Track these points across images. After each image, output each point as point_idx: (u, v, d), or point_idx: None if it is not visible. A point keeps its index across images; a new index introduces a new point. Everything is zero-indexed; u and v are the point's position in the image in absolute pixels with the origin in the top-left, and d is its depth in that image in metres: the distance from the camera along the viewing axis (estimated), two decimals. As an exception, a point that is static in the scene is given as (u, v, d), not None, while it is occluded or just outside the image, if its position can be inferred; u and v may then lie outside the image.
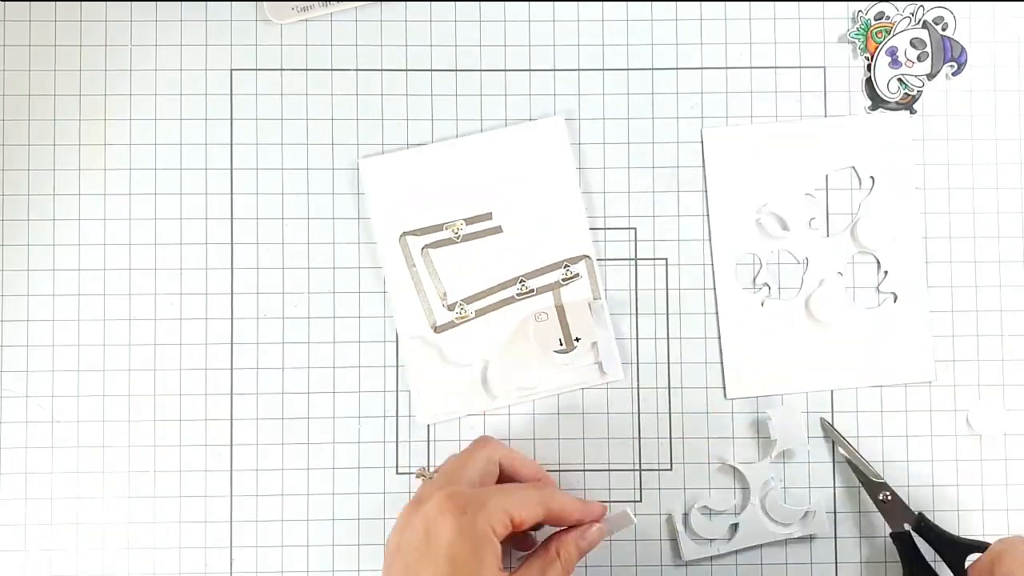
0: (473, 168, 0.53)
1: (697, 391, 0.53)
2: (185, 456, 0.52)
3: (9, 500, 0.52)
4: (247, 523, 0.52)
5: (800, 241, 0.53)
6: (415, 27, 0.54)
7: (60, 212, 0.53)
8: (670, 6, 0.54)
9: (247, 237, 0.53)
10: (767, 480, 0.52)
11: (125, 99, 0.53)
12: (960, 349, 0.53)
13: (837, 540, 0.53)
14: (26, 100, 0.53)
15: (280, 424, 0.52)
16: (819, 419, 0.53)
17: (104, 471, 0.52)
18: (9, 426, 0.52)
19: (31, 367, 0.52)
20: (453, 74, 0.54)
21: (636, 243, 0.53)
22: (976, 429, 0.53)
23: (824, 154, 0.54)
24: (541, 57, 0.54)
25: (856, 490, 0.53)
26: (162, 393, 0.52)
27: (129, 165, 0.53)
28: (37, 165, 0.53)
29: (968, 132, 0.54)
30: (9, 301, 0.53)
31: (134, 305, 0.53)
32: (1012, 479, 0.53)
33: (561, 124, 0.53)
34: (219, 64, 0.53)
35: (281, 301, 0.53)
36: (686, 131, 0.54)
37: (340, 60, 0.53)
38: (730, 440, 0.53)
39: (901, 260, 0.53)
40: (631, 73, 0.54)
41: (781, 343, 0.53)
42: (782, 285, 0.53)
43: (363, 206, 0.53)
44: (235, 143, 0.53)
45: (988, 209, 0.54)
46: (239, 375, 0.53)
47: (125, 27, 0.53)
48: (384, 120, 0.53)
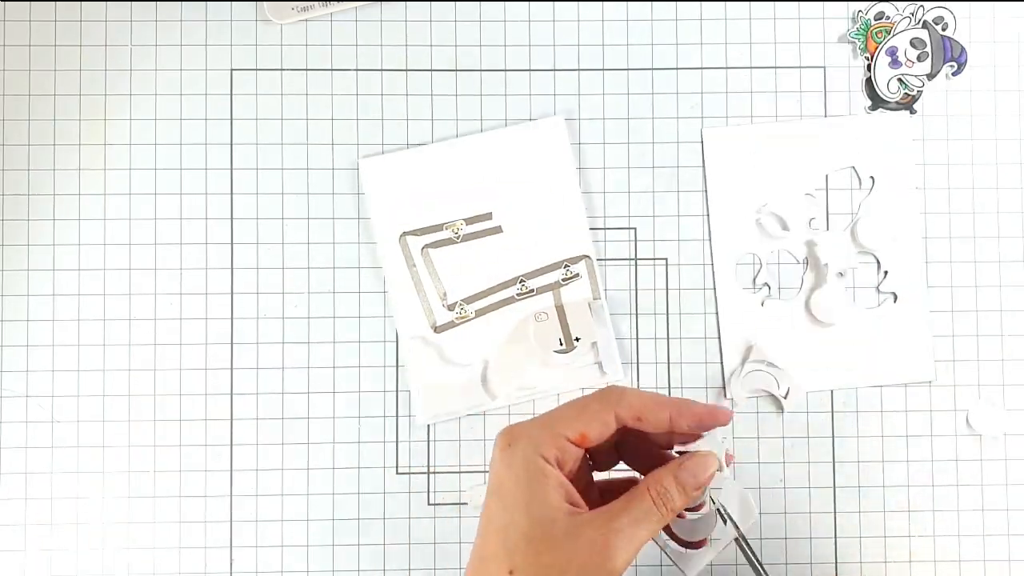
0: (473, 168, 0.53)
1: (697, 391, 0.53)
2: (185, 456, 0.52)
3: (9, 500, 0.52)
4: (247, 523, 0.52)
5: (800, 241, 0.53)
6: (415, 27, 0.54)
7: (60, 212, 0.53)
8: (670, 6, 0.54)
9: (247, 237, 0.53)
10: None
11: (125, 99, 0.53)
12: (960, 349, 0.53)
13: (837, 540, 0.53)
14: (26, 100, 0.53)
15: (280, 424, 0.52)
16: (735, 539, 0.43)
17: (104, 471, 0.52)
18: (9, 426, 0.52)
19: (31, 367, 0.52)
20: (453, 74, 0.54)
21: (636, 243, 0.53)
22: (976, 429, 0.53)
23: (824, 154, 0.54)
24: (541, 57, 0.54)
25: (856, 490, 0.53)
26: (162, 393, 0.52)
27: (129, 165, 0.53)
28: (37, 165, 0.53)
29: (968, 132, 0.54)
30: (9, 301, 0.53)
31: (134, 305, 0.53)
32: (1012, 479, 0.53)
33: (561, 124, 0.53)
34: (219, 64, 0.53)
35: (281, 301, 0.53)
36: (686, 131, 0.54)
37: (340, 60, 0.53)
38: (729, 440, 0.53)
39: (901, 260, 0.53)
40: (631, 73, 0.54)
41: (781, 343, 0.53)
42: (782, 285, 0.53)
43: (363, 206, 0.53)
44: (235, 143, 0.53)
45: (988, 209, 0.54)
46: (239, 375, 0.53)
47: (125, 27, 0.53)
48: (384, 120, 0.53)
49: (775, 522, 0.53)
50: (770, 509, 0.53)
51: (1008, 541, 0.53)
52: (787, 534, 0.53)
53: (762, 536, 0.52)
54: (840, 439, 0.53)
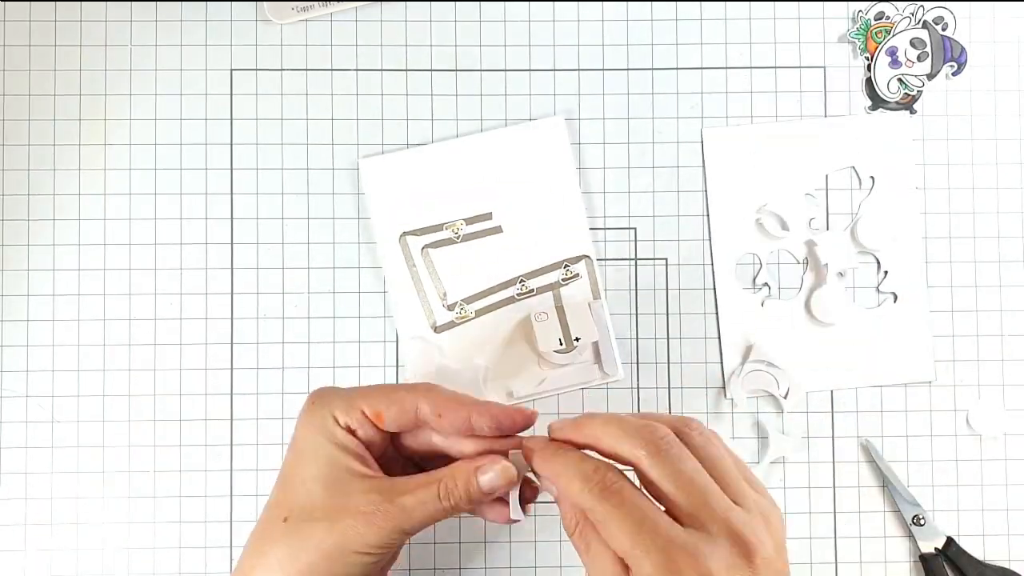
0: (473, 168, 0.53)
1: (697, 391, 0.53)
2: (185, 456, 0.52)
3: (9, 500, 0.52)
4: (247, 523, 0.52)
5: (799, 241, 0.53)
6: (415, 27, 0.54)
7: (60, 212, 0.53)
8: (670, 6, 0.54)
9: (247, 237, 0.53)
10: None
11: (125, 99, 0.53)
12: (960, 349, 0.53)
13: (837, 540, 0.53)
14: (26, 100, 0.53)
15: (280, 424, 0.52)
16: (864, 441, 0.52)
17: (104, 471, 0.52)
18: (9, 426, 0.52)
19: (31, 367, 0.52)
20: (453, 74, 0.54)
21: (636, 243, 0.53)
22: (976, 429, 0.53)
23: (824, 154, 0.54)
24: (541, 57, 0.54)
25: (856, 490, 0.53)
26: (162, 393, 0.52)
27: (129, 165, 0.53)
28: (37, 165, 0.53)
29: (968, 132, 0.54)
30: (9, 301, 0.53)
31: (134, 305, 0.53)
32: (1012, 479, 0.53)
33: (561, 124, 0.53)
34: (219, 64, 0.53)
35: (281, 301, 0.53)
36: (686, 131, 0.54)
37: (340, 60, 0.53)
38: (730, 440, 0.53)
39: (901, 260, 0.53)
40: (631, 73, 0.54)
41: (780, 343, 0.53)
42: (782, 285, 0.53)
43: (363, 206, 0.53)
44: (235, 143, 0.53)
45: (988, 209, 0.54)
46: (239, 375, 0.53)
47: (125, 27, 0.53)
48: (384, 120, 0.53)
49: (775, 522, 0.53)
50: (770, 509, 0.53)
51: (1008, 541, 0.53)
52: (787, 534, 0.52)
53: (762, 536, 0.52)
54: (840, 439, 0.53)
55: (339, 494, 0.38)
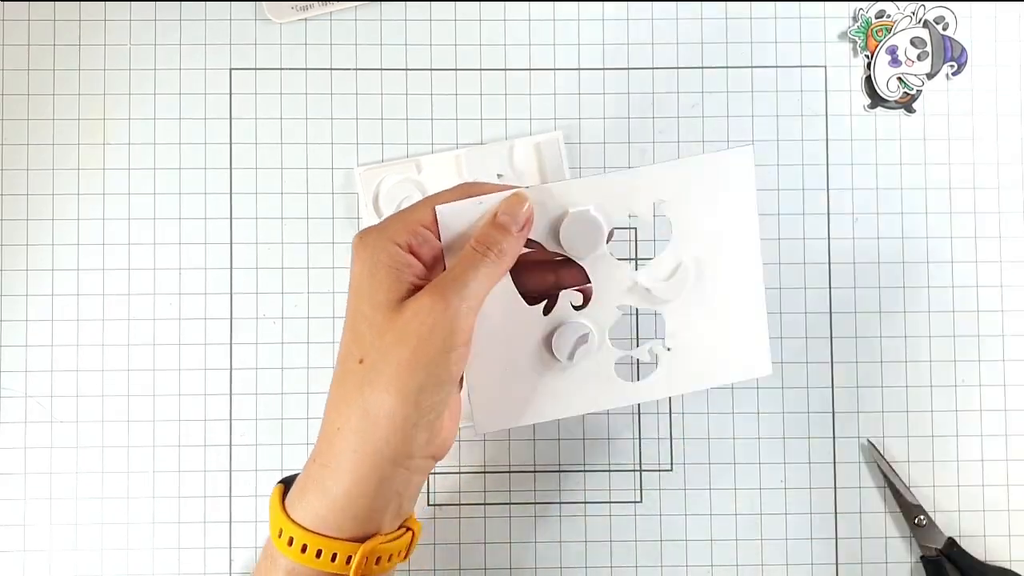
0: (475, 174, 0.53)
1: (697, 391, 0.53)
2: (184, 456, 0.52)
3: (9, 500, 0.52)
4: (247, 523, 0.52)
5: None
6: (415, 27, 0.53)
7: (59, 212, 0.53)
8: (670, 6, 0.54)
9: (246, 237, 0.53)
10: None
11: (124, 99, 0.53)
12: (960, 349, 0.53)
13: (838, 540, 0.53)
14: (25, 100, 0.53)
15: (280, 424, 0.52)
16: (865, 440, 0.52)
17: (103, 471, 0.52)
18: (9, 426, 0.52)
19: (30, 367, 0.52)
20: (453, 74, 0.53)
21: (636, 243, 0.53)
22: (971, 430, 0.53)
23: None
24: (541, 57, 0.54)
25: (857, 491, 0.53)
26: (161, 393, 0.52)
27: (128, 165, 0.53)
28: (36, 165, 0.53)
29: (968, 132, 0.54)
30: (9, 301, 0.52)
31: (133, 305, 0.52)
32: (1013, 480, 0.53)
33: (558, 138, 0.53)
34: (218, 63, 0.53)
35: (281, 301, 0.53)
36: (686, 131, 0.54)
37: (339, 60, 0.53)
38: (730, 440, 0.53)
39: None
40: (631, 73, 0.54)
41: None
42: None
43: (362, 205, 0.53)
44: (234, 142, 0.53)
45: (989, 209, 0.54)
46: (238, 375, 0.52)
47: (124, 27, 0.53)
48: (384, 120, 0.53)
49: (776, 523, 0.52)
50: (771, 510, 0.53)
51: (1008, 541, 0.53)
52: (787, 535, 0.52)
53: (762, 537, 0.52)
54: (841, 439, 0.53)
55: (403, 313, 0.37)
